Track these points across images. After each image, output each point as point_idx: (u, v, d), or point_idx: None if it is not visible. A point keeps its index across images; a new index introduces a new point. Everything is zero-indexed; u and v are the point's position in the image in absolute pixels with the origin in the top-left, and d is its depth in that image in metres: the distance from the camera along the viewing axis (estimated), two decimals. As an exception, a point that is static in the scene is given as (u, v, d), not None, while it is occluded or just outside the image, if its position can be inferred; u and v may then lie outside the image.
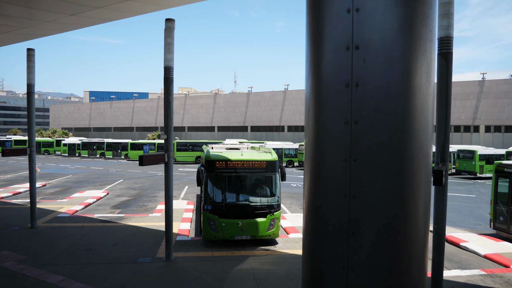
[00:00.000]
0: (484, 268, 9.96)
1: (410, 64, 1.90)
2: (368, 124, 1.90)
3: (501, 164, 13.03)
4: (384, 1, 1.89)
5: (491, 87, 46.47)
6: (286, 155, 42.12)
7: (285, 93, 59.16)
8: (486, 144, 45.72)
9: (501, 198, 12.97)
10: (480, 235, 13.22)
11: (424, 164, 1.98)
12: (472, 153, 32.84)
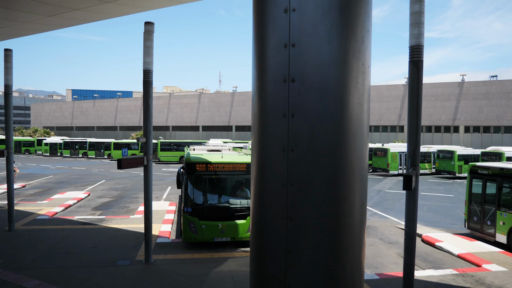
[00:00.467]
0: (457, 268, 10.26)
1: (343, 95, 2.02)
2: (303, 151, 2.02)
3: (475, 166, 13.42)
4: (319, 38, 1.99)
5: (470, 89, 47.52)
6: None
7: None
8: (466, 144, 46.74)
9: (475, 198, 13.35)
10: (455, 234, 13.59)
11: (359, 187, 2.11)
12: (451, 153, 33.58)
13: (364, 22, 2.09)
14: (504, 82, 46.46)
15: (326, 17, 2.01)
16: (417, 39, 6.67)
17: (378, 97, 52.10)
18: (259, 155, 2.20)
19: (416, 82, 6.70)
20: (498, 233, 12.37)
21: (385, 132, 51.81)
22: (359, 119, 2.07)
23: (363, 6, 2.06)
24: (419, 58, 6.68)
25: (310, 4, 2.01)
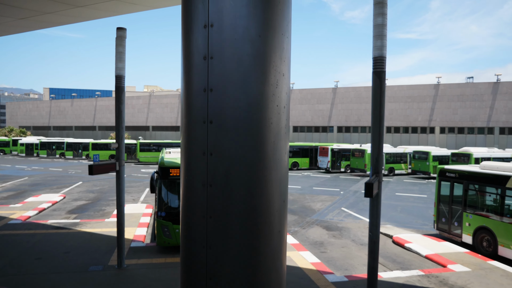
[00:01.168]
0: (423, 269, 10.61)
1: (258, 135, 2.19)
2: (221, 187, 2.19)
3: (444, 169, 13.85)
4: (234, 84, 2.15)
5: (446, 91, 48.72)
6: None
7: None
8: (441, 145, 47.90)
9: (443, 200, 13.79)
10: (425, 235, 14.00)
11: (277, 217, 2.29)
12: (426, 154, 34.39)
13: (279, 67, 2.23)
14: (477, 85, 47.80)
15: (241, 64, 2.15)
16: (380, 51, 6.91)
17: (357, 98, 52.88)
18: (185, 190, 2.37)
19: (379, 92, 6.94)
20: (465, 234, 12.82)
21: (363, 133, 52.62)
22: (275, 156, 2.23)
23: (278, 53, 2.22)
24: (381, 69, 6.92)
25: (227, 52, 2.15)
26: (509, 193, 11.39)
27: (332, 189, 26.32)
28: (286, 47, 2.32)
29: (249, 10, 2.13)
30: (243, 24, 2.16)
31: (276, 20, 2.22)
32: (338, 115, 53.80)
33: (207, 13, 2.19)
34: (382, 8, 6.89)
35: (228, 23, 2.15)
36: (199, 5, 2.20)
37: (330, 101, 54.27)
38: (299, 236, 14.01)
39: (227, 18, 2.16)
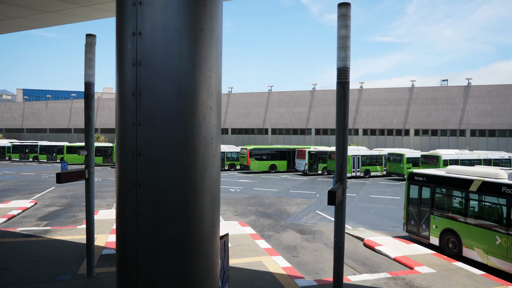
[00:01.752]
0: (391, 271, 10.90)
1: (185, 167, 2.31)
2: (149, 216, 2.31)
3: (412, 173, 14.25)
4: (161, 120, 2.28)
5: (420, 94, 49.92)
6: (228, 159, 42.45)
7: (229, 96, 59.50)
8: (415, 146, 49.04)
9: (412, 203, 14.19)
10: (395, 238, 14.36)
11: (208, 235, 2.43)
12: (401, 156, 35.18)
13: (206, 102, 2.36)
14: (450, 88, 49.19)
15: (168, 101, 2.27)
16: (344, 62, 7.10)
17: (334, 100, 53.36)
18: (117, 218, 2.48)
19: (343, 103, 7.13)
20: (432, 236, 13.22)
21: (341, 135, 53.32)
22: (204, 184, 2.36)
23: (205, 88, 2.34)
24: (345, 80, 7.11)
25: (155, 89, 2.28)
26: (472, 196, 11.82)
27: (308, 192, 26.62)
28: (214, 81, 2.42)
29: (177, 49, 2.24)
30: (170, 62, 2.26)
31: (203, 58, 2.33)
32: (316, 118, 54.39)
33: (135, 51, 2.29)
34: (345, 21, 7.08)
35: (156, 61, 2.25)
36: (128, 43, 2.30)
37: (308, 104, 54.81)
38: (272, 241, 14.15)
39: (155, 57, 2.25)
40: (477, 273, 10.63)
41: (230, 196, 24.32)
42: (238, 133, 58.90)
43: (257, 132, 58.15)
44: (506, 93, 46.74)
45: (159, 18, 2.23)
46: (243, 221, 17.21)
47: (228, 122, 59.41)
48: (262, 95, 57.87)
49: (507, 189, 10.55)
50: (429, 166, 31.99)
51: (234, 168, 42.51)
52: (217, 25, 2.44)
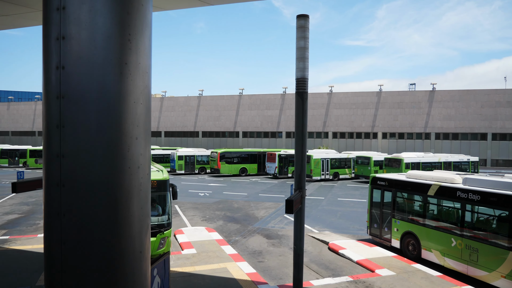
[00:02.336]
0: (353, 275, 11.14)
1: (110, 195, 2.39)
2: (75, 244, 2.36)
3: (375, 177, 14.63)
4: (86, 151, 2.35)
5: (387, 98, 51.30)
6: (198, 162, 42.18)
7: (200, 99, 59.21)
8: (383, 149, 50.30)
9: (375, 207, 14.56)
10: (359, 241, 14.68)
11: (133, 262, 2.48)
12: (368, 159, 36.01)
13: (131, 132, 2.47)
14: (415, 93, 50.81)
15: (90, 133, 2.36)
16: (302, 72, 7.25)
17: (304, 104, 54.27)
18: (44, 247, 2.50)
19: (301, 112, 7.27)
20: (393, 239, 13.61)
21: (311, 138, 54.06)
22: (130, 211, 2.46)
23: (130, 120, 2.44)
24: (303, 90, 7.26)
25: (78, 122, 2.36)
26: (430, 200, 12.27)
27: (277, 196, 26.81)
28: (140, 112, 2.49)
29: (100, 82, 2.29)
30: (94, 95, 2.32)
31: (127, 90, 2.39)
32: (286, 121, 54.89)
33: (59, 84, 2.34)
34: (304, 32, 7.24)
35: (79, 94, 2.30)
36: (52, 76, 2.35)
37: (279, 107, 55.26)
38: (239, 246, 14.18)
39: (78, 90, 2.30)
40: (434, 274, 11.04)
41: (199, 201, 24.18)
42: (209, 136, 58.66)
43: (228, 135, 58.10)
44: (467, 98, 48.71)
45: (82, 53, 2.28)
46: (210, 226, 17.16)
47: (198, 125, 59.07)
48: (233, 98, 57.90)
49: (461, 194, 11.02)
50: (392, 169, 32.93)
51: (204, 172, 42.27)
52: (144, 57, 2.49)
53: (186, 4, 10.30)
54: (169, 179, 12.15)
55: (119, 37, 2.31)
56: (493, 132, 48.03)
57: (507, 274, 9.71)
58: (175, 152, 41.35)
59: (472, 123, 48.40)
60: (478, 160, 37.64)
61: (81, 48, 2.27)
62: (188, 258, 12.25)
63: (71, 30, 2.26)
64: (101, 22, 2.25)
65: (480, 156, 48.58)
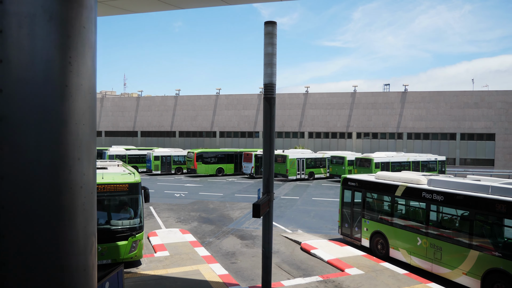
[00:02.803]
0: (323, 274, 11.39)
1: (51, 216, 2.44)
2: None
3: (346, 178, 14.97)
4: (26, 174, 2.39)
5: (361, 98, 52.26)
6: (175, 162, 41.91)
7: (176, 98, 58.76)
8: (357, 149, 51.23)
9: (346, 207, 14.90)
10: (330, 240, 14.99)
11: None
12: (342, 159, 36.62)
13: (73, 153, 2.54)
14: (388, 94, 51.96)
15: (29, 155, 2.40)
16: (270, 78, 7.40)
17: (281, 104, 54.65)
18: None
19: (269, 117, 7.42)
20: (363, 238, 13.98)
21: (287, 138, 54.54)
22: (71, 233, 2.52)
23: (71, 141, 2.51)
24: (271, 95, 7.41)
25: (15, 143, 2.39)
26: (397, 200, 12.67)
27: (253, 196, 26.97)
28: (83, 133, 2.55)
29: (40, 104, 2.34)
30: (33, 117, 2.37)
31: (68, 112, 2.45)
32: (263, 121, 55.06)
33: None
34: (271, 38, 7.38)
35: (18, 116, 2.34)
36: None
37: (256, 107, 55.44)
38: (212, 247, 14.25)
39: (17, 113, 2.33)
40: (401, 272, 11.42)
41: (174, 202, 24.08)
42: (186, 136, 58.28)
43: (205, 135, 57.90)
44: (438, 99, 50.15)
45: (20, 76, 2.30)
46: (185, 228, 17.16)
47: (175, 125, 58.61)
48: (210, 98, 57.73)
49: (426, 194, 11.44)
50: (363, 168, 33.71)
51: (181, 172, 42.04)
52: (86, 78, 2.55)
53: (150, 8, 10.31)
54: (141, 181, 12.12)
55: (59, 60, 2.35)
56: (462, 132, 49.63)
57: (468, 271, 10.16)
58: (151, 153, 40.96)
59: (442, 123, 49.86)
60: (445, 160, 38.83)
61: (20, 71, 2.28)
62: (161, 260, 12.25)
63: (9, 53, 2.25)
64: (40, 45, 2.28)
65: (449, 155, 50.13)
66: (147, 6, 10.07)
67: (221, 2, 9.42)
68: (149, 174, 41.19)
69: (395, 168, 34.46)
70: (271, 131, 7.40)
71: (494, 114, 48.94)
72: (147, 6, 10.03)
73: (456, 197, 10.58)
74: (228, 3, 9.86)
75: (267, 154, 7.44)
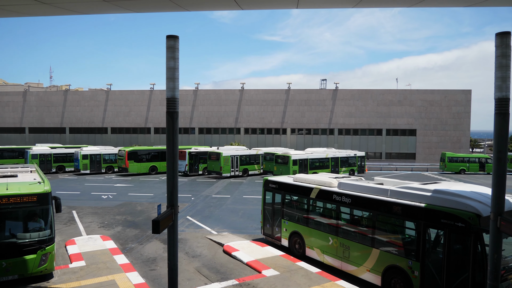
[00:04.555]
0: (240, 277, 11.67)
1: None
2: None
3: (267, 180, 15.39)
4: None
5: (295, 96, 53.72)
6: (105, 161, 40.33)
7: (108, 93, 56.38)
8: (292, 144, 52.72)
9: (267, 208, 15.34)
10: (253, 241, 15.36)
11: None
12: (273, 155, 37.46)
13: None
14: (321, 91, 53.93)
15: None
16: (172, 92, 7.41)
17: (217, 100, 54.58)
18: None
19: (172, 131, 7.43)
20: (283, 238, 14.51)
21: (224, 134, 54.66)
22: None
23: None
24: (174, 110, 7.43)
25: None
26: (312, 202, 13.29)
27: (184, 195, 26.79)
28: None
29: None
30: None
31: None
32: (199, 117, 54.73)
33: None
34: (173, 53, 7.38)
35: None
36: None
37: (192, 103, 54.86)
38: (133, 254, 14.01)
39: None
40: (314, 271, 12.03)
41: (100, 205, 23.24)
42: (118, 133, 56.22)
43: (139, 131, 56.28)
44: (366, 97, 52.97)
45: None
46: (107, 233, 16.68)
47: (107, 121, 56.26)
48: (144, 93, 56.13)
49: (336, 197, 12.13)
50: (282, 165, 34.89)
51: (112, 171, 40.56)
52: None
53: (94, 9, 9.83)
54: (51, 191, 11.57)
55: None
56: (387, 128, 52.96)
57: (371, 268, 10.98)
58: (79, 151, 39.01)
59: (370, 120, 52.81)
60: (364, 155, 40.96)
61: None
62: (75, 272, 11.82)
63: None
64: None
65: (376, 149, 53.33)
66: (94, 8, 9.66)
67: (178, 8, 9.30)
68: (77, 174, 39.29)
69: (314, 165, 35.84)
70: (174, 146, 7.42)
71: (415, 112, 52.74)
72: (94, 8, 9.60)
73: (361, 199, 11.35)
74: (186, 9, 9.79)
75: (170, 168, 7.45)
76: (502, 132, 7.34)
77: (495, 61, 7.31)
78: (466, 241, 8.76)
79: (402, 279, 10.08)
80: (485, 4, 9.55)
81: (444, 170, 45.51)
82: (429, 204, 9.61)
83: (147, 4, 9.50)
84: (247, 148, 44.29)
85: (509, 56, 7.23)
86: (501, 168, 7.31)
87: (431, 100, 52.30)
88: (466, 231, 8.73)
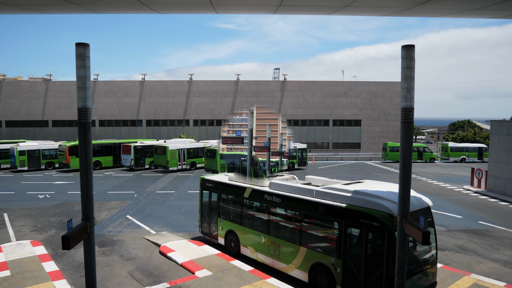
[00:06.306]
0: (173, 279, 11.66)
1: None
2: None
3: (204, 179, 15.40)
4: None
5: (244, 87, 53.79)
6: (45, 157, 38.40)
7: (48, 84, 53.43)
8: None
9: (205, 207, 15.39)
10: (191, 240, 15.37)
11: None
12: (214, 152, 37.41)
13: None
14: (269, 83, 54.38)
15: None
16: (84, 102, 7.18)
17: (165, 92, 53.45)
18: None
19: (84, 143, 7.21)
20: (220, 237, 14.65)
21: (172, 126, 53.77)
22: None
23: None
24: (86, 120, 7.21)
25: None
26: (245, 201, 13.49)
27: (127, 192, 26.21)
28: None
29: None
30: None
31: None
32: (146, 109, 53.40)
33: None
34: (84, 61, 7.11)
35: None
36: None
37: (138, 94, 53.35)
38: (65, 260, 13.58)
39: None
40: (246, 270, 12.28)
41: (35, 205, 22.18)
42: (61, 126, 53.62)
43: (83, 124, 53.97)
44: (313, 89, 54.09)
45: None
46: (39, 238, 16.00)
47: (48, 114, 53.43)
48: (88, 84, 53.74)
49: (267, 196, 12.41)
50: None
51: (52, 167, 38.73)
52: None
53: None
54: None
55: None
56: (334, 119, 54.53)
57: (299, 265, 11.39)
58: (15, 147, 36.80)
59: (317, 111, 54.08)
60: (306, 147, 41.77)
61: None
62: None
63: None
64: None
65: (324, 140, 54.84)
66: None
67: (152, 11, 8.92)
68: (14, 171, 37.16)
69: None
70: (88, 157, 7.21)
71: (360, 103, 54.64)
72: None
73: (289, 199, 11.69)
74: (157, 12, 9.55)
75: (84, 179, 7.23)
76: (407, 139, 7.81)
77: (401, 73, 7.73)
78: (381, 240, 9.31)
79: (326, 276, 10.56)
80: (405, 14, 10.05)
81: (386, 159, 47.73)
82: (349, 204, 10.08)
83: (119, 6, 9.30)
84: (196, 140, 43.92)
85: (413, 68, 7.66)
86: (406, 173, 7.80)
87: (375, 91, 54.38)
88: (381, 230, 9.27)
